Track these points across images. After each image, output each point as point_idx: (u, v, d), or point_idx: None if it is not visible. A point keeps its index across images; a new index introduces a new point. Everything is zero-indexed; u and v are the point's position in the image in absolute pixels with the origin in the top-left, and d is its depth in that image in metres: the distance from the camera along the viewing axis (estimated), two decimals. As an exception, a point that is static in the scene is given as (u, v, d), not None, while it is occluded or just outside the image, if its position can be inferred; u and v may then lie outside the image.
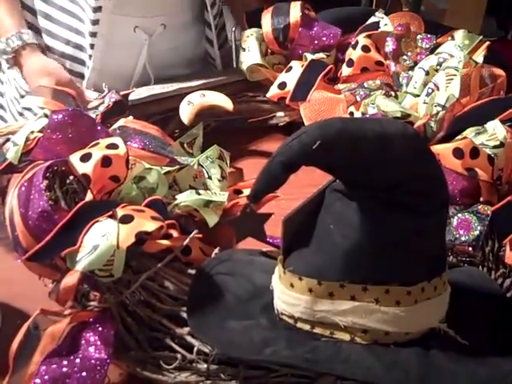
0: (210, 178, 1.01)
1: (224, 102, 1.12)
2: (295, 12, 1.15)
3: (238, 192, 1.04)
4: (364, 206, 0.67)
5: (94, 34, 1.24)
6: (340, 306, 0.68)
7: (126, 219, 0.75)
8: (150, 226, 0.75)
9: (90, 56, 1.26)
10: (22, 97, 1.35)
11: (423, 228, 0.68)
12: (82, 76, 1.30)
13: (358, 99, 1.05)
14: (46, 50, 1.25)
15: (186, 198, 0.87)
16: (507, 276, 0.84)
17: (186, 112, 1.09)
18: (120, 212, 0.76)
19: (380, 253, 0.67)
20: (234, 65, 1.27)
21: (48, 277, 0.80)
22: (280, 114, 1.16)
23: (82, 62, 1.29)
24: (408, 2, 2.36)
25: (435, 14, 2.27)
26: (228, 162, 1.04)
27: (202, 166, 1.01)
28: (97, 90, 1.22)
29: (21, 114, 1.38)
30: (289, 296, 0.71)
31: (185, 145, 1.06)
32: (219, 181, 1.01)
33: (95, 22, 1.22)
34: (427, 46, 1.11)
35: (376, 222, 0.67)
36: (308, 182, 1.16)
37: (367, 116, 1.00)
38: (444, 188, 0.69)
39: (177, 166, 0.95)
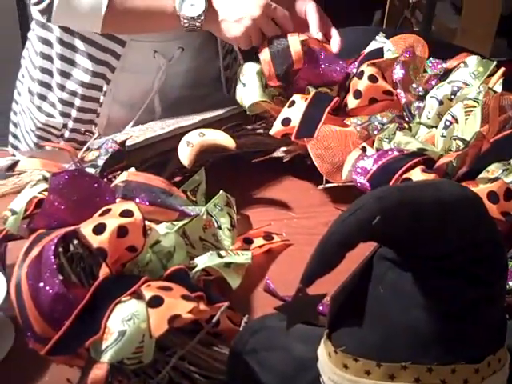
0: (219, 227, 0.94)
1: (225, 140, 1.05)
2: (295, 46, 1.07)
3: (249, 241, 0.98)
4: (421, 277, 0.62)
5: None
6: (403, 389, 0.62)
7: (156, 302, 0.68)
8: (183, 308, 0.67)
9: (109, 81, 1.23)
10: (39, 129, 1.31)
11: (487, 297, 0.62)
12: (98, 102, 1.26)
13: (371, 134, 1.00)
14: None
15: (208, 263, 0.80)
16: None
17: (185, 154, 1.02)
18: (146, 293, 0.69)
19: (444, 328, 0.61)
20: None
21: (66, 363, 0.73)
22: (283, 148, 1.08)
23: (100, 89, 1.25)
24: (419, 22, 2.31)
25: (446, 33, 2.23)
26: (235, 209, 0.98)
27: (211, 215, 0.94)
28: (111, 118, 1.25)
29: (37, 146, 1.33)
30: (342, 378, 0.64)
31: (188, 192, 0.99)
32: (229, 230, 0.95)
33: None
34: (436, 71, 1.06)
35: (436, 294, 0.61)
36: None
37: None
38: (504, 253, 0.64)
39: (187, 220, 0.88)
